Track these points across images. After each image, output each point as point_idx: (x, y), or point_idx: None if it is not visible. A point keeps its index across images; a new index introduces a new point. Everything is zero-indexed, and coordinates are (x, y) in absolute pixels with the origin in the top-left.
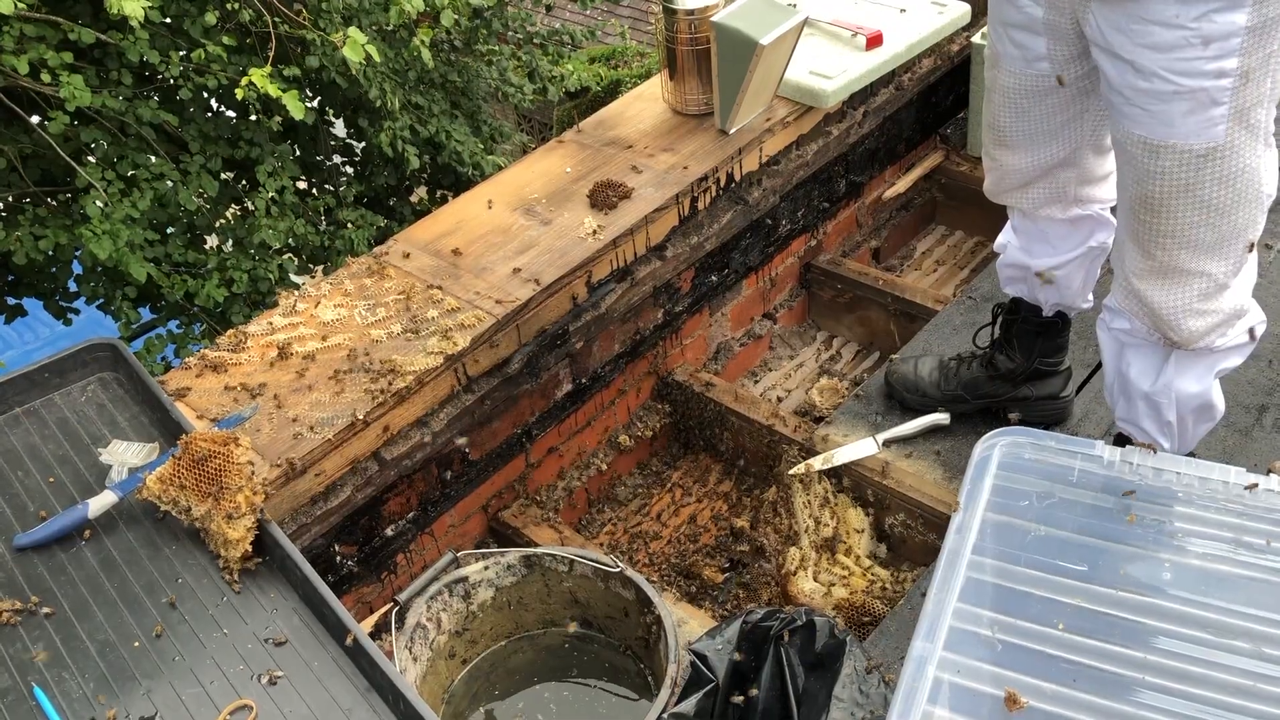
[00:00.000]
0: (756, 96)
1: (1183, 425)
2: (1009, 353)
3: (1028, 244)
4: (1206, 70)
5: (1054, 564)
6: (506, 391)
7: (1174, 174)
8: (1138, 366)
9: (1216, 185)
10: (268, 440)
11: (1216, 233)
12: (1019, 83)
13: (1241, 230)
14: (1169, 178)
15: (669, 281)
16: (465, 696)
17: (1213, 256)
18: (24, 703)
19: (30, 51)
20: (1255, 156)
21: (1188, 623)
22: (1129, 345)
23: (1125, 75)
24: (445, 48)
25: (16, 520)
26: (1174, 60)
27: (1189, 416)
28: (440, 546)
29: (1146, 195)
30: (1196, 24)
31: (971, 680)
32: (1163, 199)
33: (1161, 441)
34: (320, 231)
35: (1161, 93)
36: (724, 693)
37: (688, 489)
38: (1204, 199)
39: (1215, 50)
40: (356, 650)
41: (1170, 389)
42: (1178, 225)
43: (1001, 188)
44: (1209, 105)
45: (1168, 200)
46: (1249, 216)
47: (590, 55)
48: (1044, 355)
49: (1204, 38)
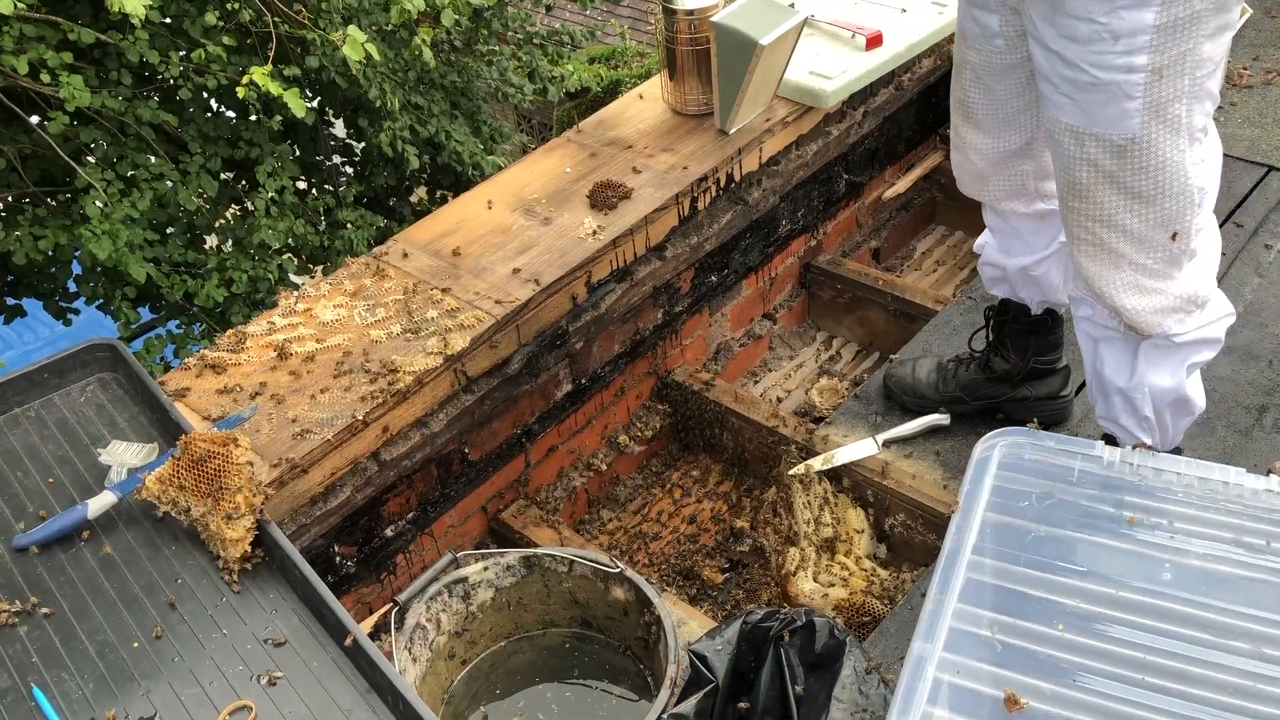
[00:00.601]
0: (756, 96)
1: (1161, 420)
2: (1004, 354)
3: (1004, 243)
4: (1117, 64)
5: (1054, 564)
6: (506, 392)
7: (1098, 161)
8: (1111, 363)
9: (1138, 175)
10: (267, 440)
11: (1142, 220)
12: (982, 59)
13: (1169, 221)
14: (1093, 165)
15: (669, 282)
16: (465, 697)
17: (1140, 244)
18: (23, 703)
19: (30, 51)
20: (1178, 151)
21: (1188, 623)
22: (1101, 341)
23: (1054, 64)
24: (445, 48)
25: (16, 520)
26: (1089, 53)
27: (1166, 411)
28: (440, 547)
29: (1074, 181)
30: (1106, 19)
31: (971, 680)
32: (1088, 185)
33: (1143, 437)
34: (320, 231)
35: (1081, 82)
36: (724, 693)
37: (688, 489)
38: (1127, 186)
39: (1124, 46)
40: (356, 651)
41: (1144, 384)
42: (1103, 211)
43: (965, 173)
44: (1122, 98)
45: (1093, 186)
46: (1175, 209)
47: (590, 55)
48: (1039, 354)
49: (1114, 33)
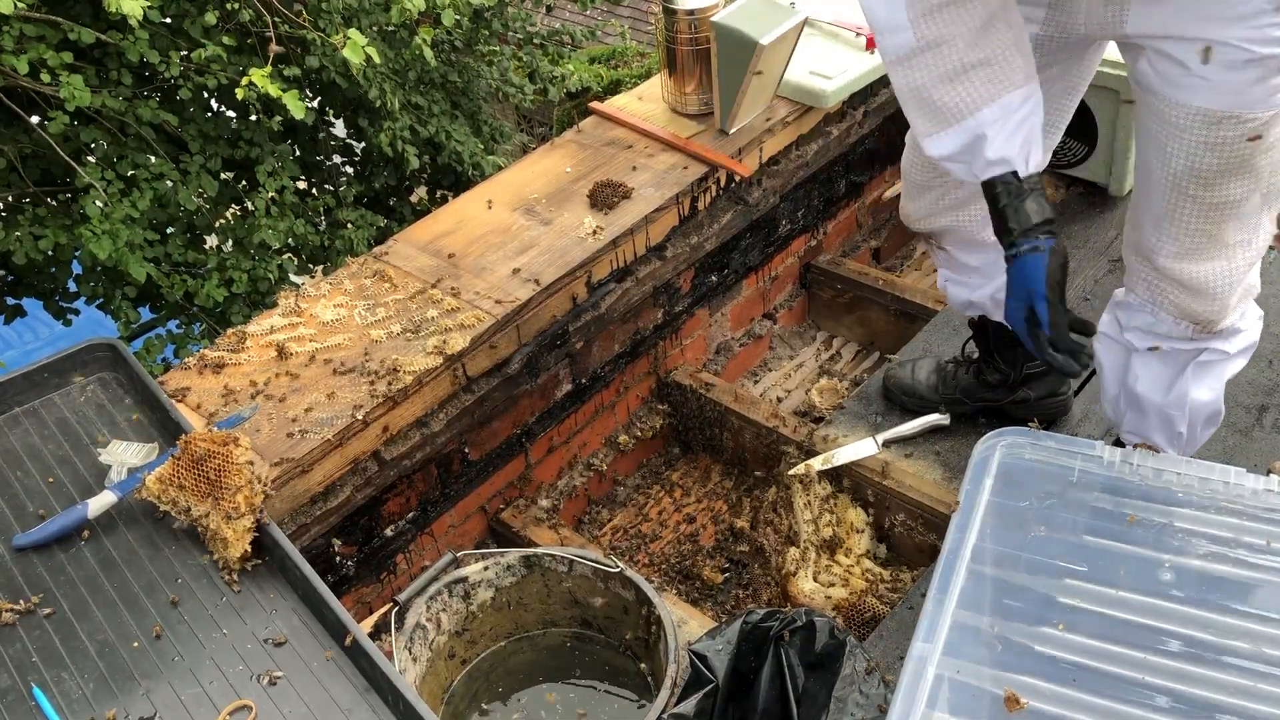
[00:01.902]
0: (756, 96)
1: (1192, 433)
2: (994, 365)
3: (961, 277)
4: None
5: (1054, 564)
6: (506, 392)
7: (1231, 144)
8: (1146, 379)
9: (1265, 153)
10: (267, 440)
11: (1260, 200)
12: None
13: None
14: (1224, 148)
15: (669, 281)
16: (465, 697)
17: (1251, 229)
18: (23, 703)
19: (30, 51)
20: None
21: (1188, 623)
22: (1137, 355)
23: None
24: (445, 48)
25: (16, 520)
26: (1251, 29)
27: (1199, 424)
28: (440, 547)
29: (1198, 169)
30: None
31: (971, 680)
32: (1218, 170)
33: (1172, 451)
34: (320, 231)
35: (1237, 62)
36: (724, 693)
37: (688, 489)
38: (1255, 167)
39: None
40: (356, 650)
41: (1185, 400)
42: (1228, 196)
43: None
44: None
45: (1223, 171)
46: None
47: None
48: (1029, 359)
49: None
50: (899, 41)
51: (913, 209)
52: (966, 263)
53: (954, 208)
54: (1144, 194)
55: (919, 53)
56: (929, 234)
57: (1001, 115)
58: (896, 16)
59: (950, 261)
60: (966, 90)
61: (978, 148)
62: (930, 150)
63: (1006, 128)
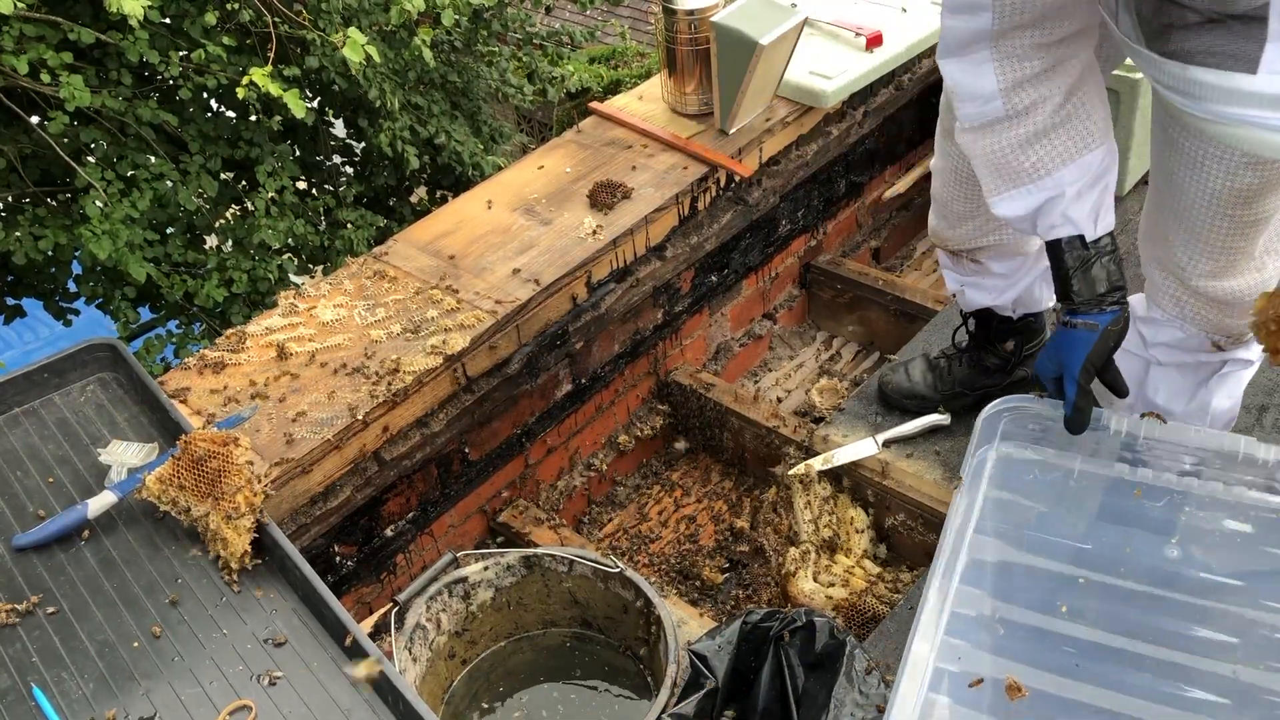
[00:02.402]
0: (756, 96)
1: None
2: (993, 350)
3: (984, 282)
4: None
5: (1058, 542)
6: (506, 392)
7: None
8: (1166, 392)
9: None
10: (267, 440)
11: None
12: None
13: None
14: (1268, 165)
15: (669, 281)
16: (465, 697)
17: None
18: (23, 703)
19: (30, 51)
20: None
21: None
22: (1156, 367)
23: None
24: (445, 48)
25: (16, 520)
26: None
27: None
28: (440, 547)
29: (1238, 188)
30: None
31: (972, 668)
32: (1258, 188)
33: None
34: (320, 231)
35: None
36: (724, 694)
37: (688, 489)
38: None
39: None
40: (356, 650)
41: (1206, 410)
42: (1265, 211)
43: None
44: None
45: (1262, 189)
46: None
47: (590, 55)
48: (1027, 341)
49: None
50: (986, 110)
51: (951, 235)
52: (995, 270)
53: (998, 229)
54: (1171, 211)
55: (1005, 119)
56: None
57: (1079, 175)
58: (985, 85)
59: (980, 270)
60: (1047, 151)
61: (1049, 209)
62: (999, 210)
63: (1080, 188)
